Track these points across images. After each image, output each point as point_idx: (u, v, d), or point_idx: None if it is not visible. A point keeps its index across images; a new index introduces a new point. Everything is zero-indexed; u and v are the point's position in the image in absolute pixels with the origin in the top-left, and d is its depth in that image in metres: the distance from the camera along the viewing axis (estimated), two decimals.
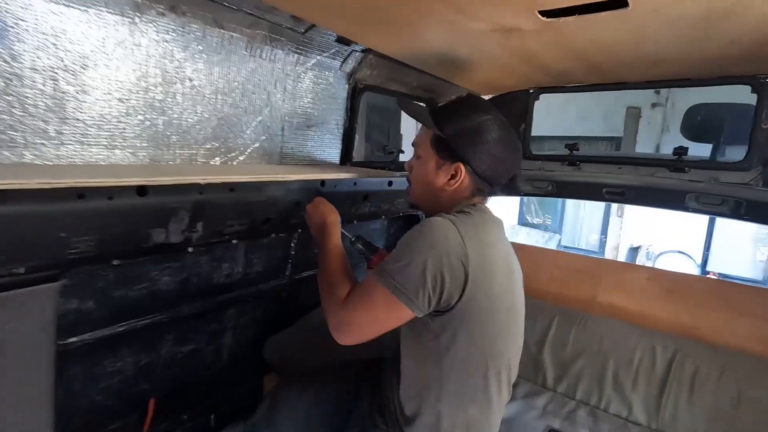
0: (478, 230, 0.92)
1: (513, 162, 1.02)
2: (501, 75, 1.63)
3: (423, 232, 0.88)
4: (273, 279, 1.61)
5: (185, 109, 1.03)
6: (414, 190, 1.10)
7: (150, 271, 1.19)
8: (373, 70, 1.46)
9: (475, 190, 1.01)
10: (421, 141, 1.05)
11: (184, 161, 1.07)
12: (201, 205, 1.03)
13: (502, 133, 0.98)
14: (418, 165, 1.06)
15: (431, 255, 0.84)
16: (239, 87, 1.14)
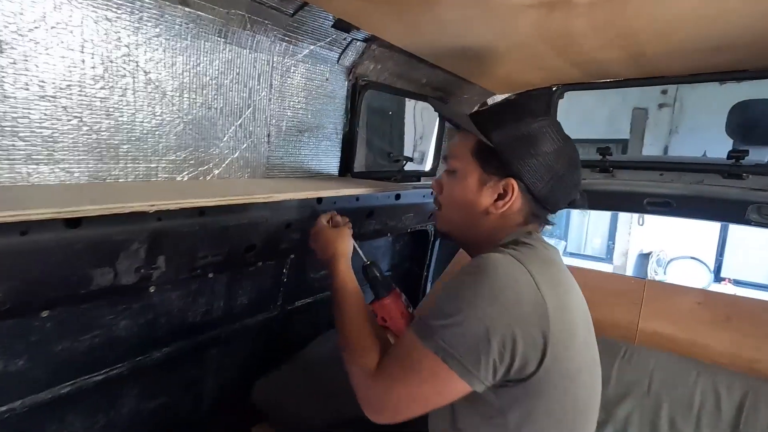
0: (551, 269, 0.70)
1: (574, 182, 0.80)
2: (524, 69, 1.41)
3: (481, 275, 0.65)
4: (262, 311, 1.37)
5: (139, 110, 0.80)
6: (446, 215, 0.88)
7: (103, 316, 0.94)
8: (376, 63, 1.23)
9: (529, 215, 0.79)
10: (458, 151, 0.83)
11: (141, 177, 0.83)
12: (161, 235, 0.80)
13: (563, 144, 0.77)
14: (452, 182, 0.84)
15: (497, 309, 0.62)
16: (212, 82, 0.90)
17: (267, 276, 1.30)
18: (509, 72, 1.46)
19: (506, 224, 0.79)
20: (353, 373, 0.76)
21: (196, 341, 1.18)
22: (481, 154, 0.79)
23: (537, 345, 0.63)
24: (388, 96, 1.73)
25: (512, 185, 0.76)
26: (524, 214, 0.79)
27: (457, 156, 0.82)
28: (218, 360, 1.28)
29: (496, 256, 0.68)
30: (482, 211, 0.79)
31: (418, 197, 1.54)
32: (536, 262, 0.69)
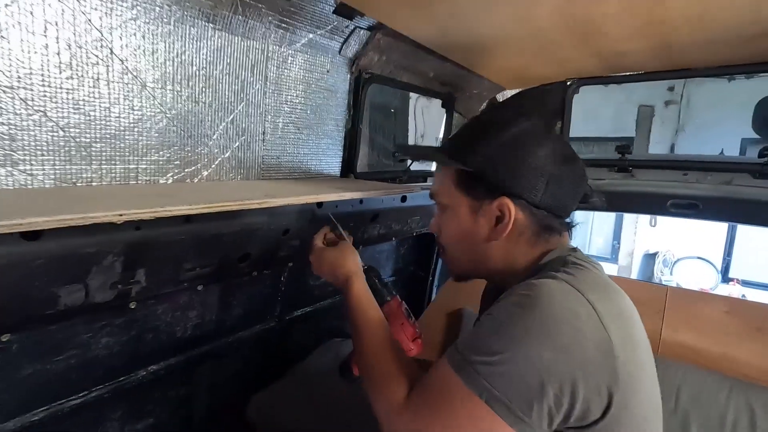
0: (610, 295, 0.62)
1: (576, 177, 0.71)
2: (539, 61, 1.31)
3: (534, 307, 0.56)
4: (259, 323, 1.27)
5: (114, 103, 0.70)
6: (451, 256, 0.81)
7: (78, 334, 0.85)
8: (381, 54, 1.13)
9: (542, 229, 0.70)
10: (441, 187, 0.77)
11: (118, 180, 0.73)
12: (139, 246, 0.70)
13: (547, 142, 0.70)
14: (446, 219, 0.77)
15: (554, 351, 0.54)
16: (199, 73, 0.80)
17: (264, 285, 1.21)
18: (522, 65, 1.36)
19: (521, 246, 0.72)
20: (377, 405, 0.67)
21: (187, 357, 1.09)
22: (463, 183, 0.73)
23: (602, 391, 0.54)
24: (392, 90, 1.64)
25: (506, 204, 0.68)
26: (535, 229, 0.70)
27: (441, 192, 0.77)
28: (211, 376, 1.19)
29: (549, 283, 0.59)
30: (485, 241, 0.73)
31: (425, 199, 1.45)
32: (595, 289, 0.60)
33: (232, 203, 0.63)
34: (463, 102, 1.61)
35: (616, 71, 1.36)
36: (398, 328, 0.86)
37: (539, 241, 0.72)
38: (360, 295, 0.79)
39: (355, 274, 0.81)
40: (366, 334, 0.74)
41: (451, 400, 0.57)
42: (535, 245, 0.72)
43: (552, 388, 0.52)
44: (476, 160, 0.70)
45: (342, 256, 0.83)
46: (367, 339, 0.74)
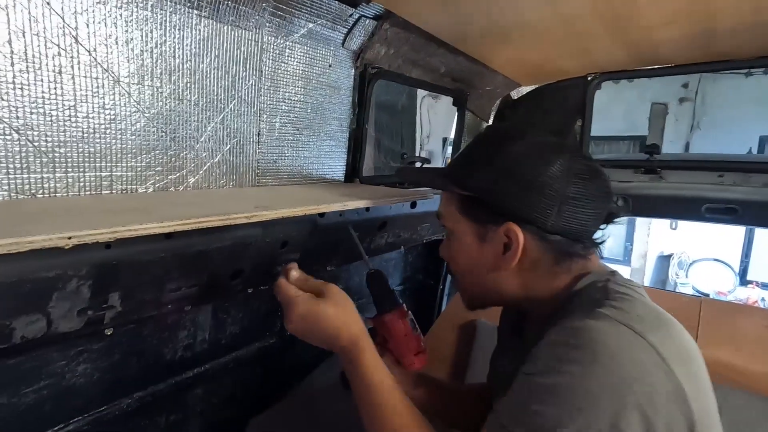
0: (668, 330, 0.54)
1: (599, 194, 0.63)
2: (560, 53, 1.20)
3: (592, 363, 0.48)
4: (256, 340, 1.17)
5: (81, 102, 0.60)
6: (462, 286, 0.76)
7: (51, 363, 0.75)
8: (388, 47, 1.03)
9: (558, 256, 0.63)
10: (446, 211, 0.72)
11: (88, 190, 0.64)
12: (110, 267, 0.60)
13: (564, 158, 0.62)
14: (452, 246, 0.72)
15: (626, 414, 0.46)
16: (183, 67, 0.70)
17: (261, 301, 1.11)
18: (541, 58, 1.25)
19: (539, 277, 0.65)
20: None
21: (177, 381, 0.99)
22: (467, 209, 0.68)
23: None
24: (398, 89, 1.53)
25: (513, 230, 0.62)
26: (551, 257, 0.63)
27: (447, 216, 0.72)
28: (205, 400, 1.09)
29: (600, 327, 0.50)
30: (493, 270, 0.67)
31: (436, 204, 1.34)
32: (652, 325, 0.52)
33: (214, 218, 0.53)
34: (475, 100, 1.50)
35: (644, 64, 1.25)
36: (401, 340, 0.81)
37: (560, 270, 0.64)
38: (376, 366, 0.65)
39: (363, 337, 0.66)
40: (390, 416, 0.62)
41: None
42: (557, 275, 0.65)
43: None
44: (478, 184, 0.65)
45: (344, 313, 0.66)
46: (391, 421, 0.62)
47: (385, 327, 0.82)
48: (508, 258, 0.64)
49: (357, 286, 1.46)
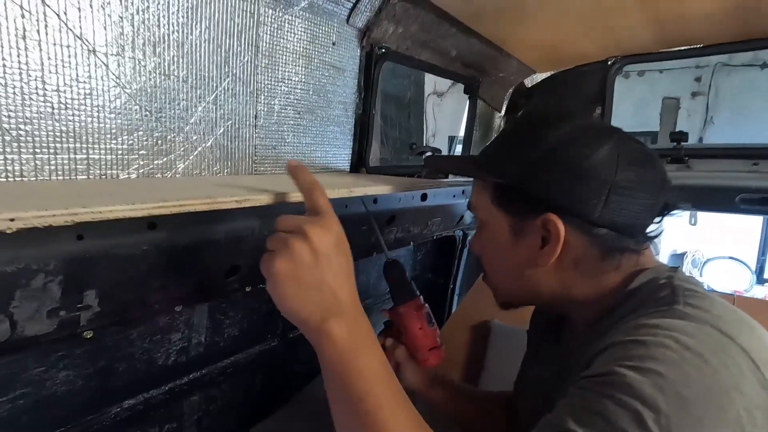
0: (757, 332, 0.47)
1: (654, 183, 0.56)
2: (579, 33, 1.12)
3: (681, 361, 0.41)
4: (257, 343, 1.10)
5: (50, 73, 0.53)
6: (493, 283, 0.69)
7: (28, 369, 0.68)
8: (397, 25, 0.95)
9: (605, 252, 0.56)
10: (478, 201, 0.66)
11: (60, 174, 0.56)
12: (85, 262, 0.53)
13: (615, 142, 0.55)
14: (484, 239, 0.67)
15: (722, 420, 0.39)
16: (170, 38, 0.63)
17: (261, 301, 1.03)
18: (559, 39, 1.17)
19: (581, 277, 0.58)
20: None
21: (171, 388, 0.92)
22: (501, 199, 0.62)
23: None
24: (407, 76, 1.46)
25: (552, 222, 0.55)
26: (596, 253, 0.56)
27: (480, 206, 0.66)
28: (202, 407, 1.02)
29: (683, 327, 0.43)
30: (530, 267, 0.60)
31: (447, 197, 1.26)
32: (740, 329, 0.45)
33: (197, 202, 0.45)
34: (487, 87, 1.42)
35: (672, 44, 1.16)
36: (416, 334, 0.78)
37: (607, 267, 0.57)
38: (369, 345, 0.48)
39: (353, 304, 0.49)
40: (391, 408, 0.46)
41: None
42: (604, 273, 0.57)
43: None
44: (513, 171, 0.59)
45: (349, 268, 0.49)
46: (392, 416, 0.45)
47: (399, 319, 0.79)
48: (546, 253, 0.57)
49: (364, 286, 1.38)
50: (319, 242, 0.45)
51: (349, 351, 0.45)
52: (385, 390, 0.46)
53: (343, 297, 0.47)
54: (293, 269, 0.45)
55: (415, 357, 0.81)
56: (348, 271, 0.48)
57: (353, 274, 0.50)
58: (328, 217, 0.48)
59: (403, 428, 0.44)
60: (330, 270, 0.46)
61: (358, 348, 0.46)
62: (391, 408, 0.45)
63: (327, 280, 0.46)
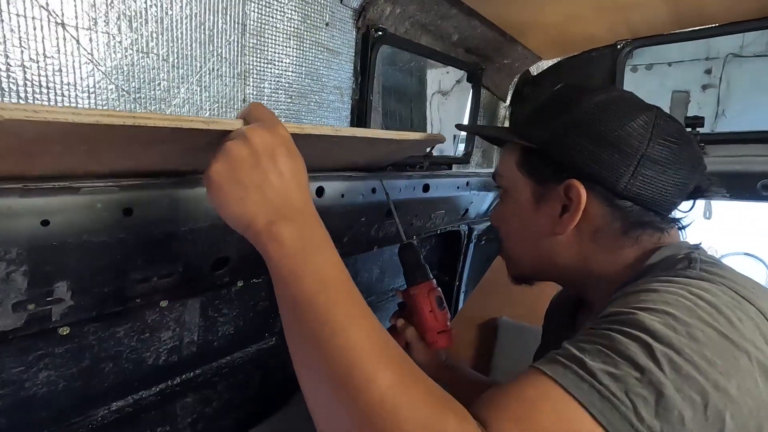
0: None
1: (688, 161, 0.54)
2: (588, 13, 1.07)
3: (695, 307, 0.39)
4: (253, 342, 1.05)
5: (14, 45, 0.49)
6: (510, 255, 0.67)
7: (4, 369, 0.64)
8: (394, 6, 0.90)
9: (627, 226, 0.54)
10: (502, 168, 0.65)
11: None
12: (52, 249, 0.48)
13: (653, 114, 0.54)
14: (504, 207, 0.66)
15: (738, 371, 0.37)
16: (148, 12, 0.59)
17: (256, 296, 0.99)
18: (566, 21, 1.12)
19: (599, 249, 0.55)
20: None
21: (162, 389, 0.88)
22: (527, 164, 0.61)
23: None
24: (408, 65, 1.41)
25: (575, 188, 0.54)
26: (618, 226, 0.54)
27: (504, 173, 0.65)
28: (196, 409, 0.97)
29: (698, 283, 0.42)
30: (547, 235, 0.59)
31: (450, 189, 1.22)
32: (758, 294, 0.42)
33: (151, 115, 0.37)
34: (491, 75, 1.37)
35: (687, 24, 1.10)
36: (425, 316, 0.80)
37: (627, 242, 0.55)
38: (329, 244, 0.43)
39: (307, 206, 0.44)
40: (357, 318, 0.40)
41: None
42: (622, 248, 0.55)
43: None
44: (542, 135, 0.58)
45: (298, 170, 0.43)
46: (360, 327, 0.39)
47: (411, 300, 0.82)
48: (564, 221, 0.55)
49: (366, 282, 1.34)
50: (259, 142, 0.41)
51: (299, 253, 0.40)
52: (340, 292, 0.40)
53: (292, 198, 0.42)
54: (230, 170, 0.40)
55: (424, 339, 0.82)
56: (298, 174, 0.43)
57: (306, 180, 0.45)
58: (271, 122, 0.43)
59: (361, 330, 0.38)
60: (274, 170, 0.41)
61: (309, 250, 0.41)
62: (347, 308, 0.39)
63: (271, 180, 0.41)
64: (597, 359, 0.37)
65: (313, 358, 0.38)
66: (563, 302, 0.77)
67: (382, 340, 0.39)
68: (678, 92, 4.62)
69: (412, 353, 0.86)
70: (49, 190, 0.46)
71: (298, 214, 0.42)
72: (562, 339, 0.72)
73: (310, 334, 0.38)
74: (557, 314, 0.78)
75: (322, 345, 0.37)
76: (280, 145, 0.42)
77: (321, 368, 0.37)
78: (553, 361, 0.39)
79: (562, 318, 0.74)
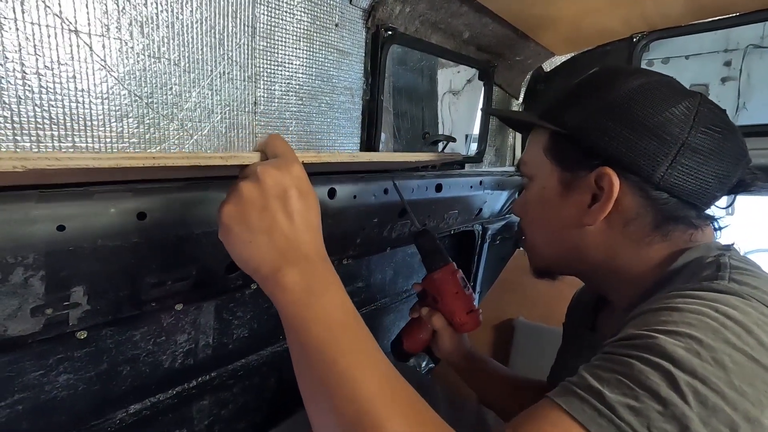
0: None
1: (731, 152, 0.51)
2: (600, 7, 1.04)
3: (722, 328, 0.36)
4: (268, 344, 1.06)
5: (28, 54, 0.49)
6: (531, 243, 0.64)
7: (25, 373, 0.65)
8: (404, 4, 0.89)
9: (661, 219, 0.51)
10: (529, 155, 0.61)
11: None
12: (69, 254, 0.49)
13: (695, 102, 0.50)
14: (528, 196, 0.62)
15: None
16: (159, 18, 0.59)
17: None
18: (580, 15, 1.09)
19: (629, 242, 0.52)
20: None
21: (179, 392, 0.88)
22: (556, 150, 0.57)
23: None
24: (419, 64, 1.40)
25: (607, 176, 0.51)
26: (650, 219, 0.51)
27: (529, 160, 0.62)
28: (212, 412, 0.98)
29: (725, 299, 0.38)
30: (575, 226, 0.56)
31: (464, 188, 1.20)
32: None
33: (173, 156, 0.39)
34: (503, 72, 1.35)
35: (706, 14, 1.07)
36: (451, 298, 0.79)
37: (658, 238, 0.52)
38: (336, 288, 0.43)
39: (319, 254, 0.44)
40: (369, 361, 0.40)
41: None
42: (652, 243, 0.52)
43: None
44: (573, 119, 0.54)
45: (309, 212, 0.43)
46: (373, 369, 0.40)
47: (434, 285, 0.80)
48: (594, 211, 0.52)
49: (380, 284, 1.33)
50: (271, 184, 0.41)
51: (303, 299, 0.40)
52: (347, 337, 0.40)
53: (299, 241, 0.42)
54: (239, 213, 0.41)
55: (453, 322, 0.80)
56: (308, 216, 0.43)
57: (317, 220, 0.44)
58: (285, 159, 0.43)
59: (370, 377, 0.38)
60: (283, 213, 0.41)
61: (316, 295, 0.41)
62: (355, 356, 0.38)
63: (279, 223, 0.41)
64: (616, 390, 0.34)
65: (323, 403, 0.38)
66: (585, 300, 0.75)
67: (392, 386, 0.39)
68: (696, 86, 4.51)
69: (439, 342, 0.86)
70: (64, 195, 0.46)
71: (304, 259, 0.42)
72: (581, 339, 0.70)
73: (318, 381, 0.39)
74: (578, 312, 0.76)
75: (330, 392, 0.38)
76: (291, 187, 0.42)
77: (330, 415, 0.37)
78: (569, 393, 0.37)
79: (582, 317, 0.72)
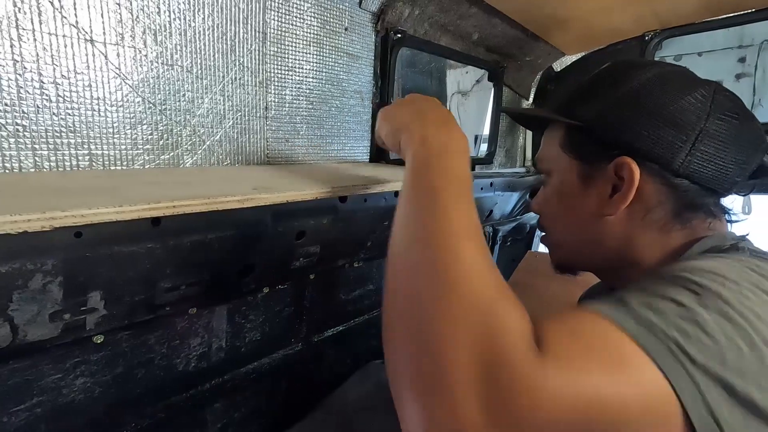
0: None
1: (750, 138, 0.50)
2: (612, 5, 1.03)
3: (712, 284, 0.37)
4: (279, 348, 1.06)
5: (46, 63, 0.50)
6: (553, 239, 0.64)
7: (44, 376, 0.66)
8: (413, 6, 0.89)
9: (681, 207, 0.50)
10: (545, 150, 0.62)
11: (61, 170, 0.54)
12: (85, 261, 0.50)
13: (711, 89, 0.50)
14: (548, 192, 0.62)
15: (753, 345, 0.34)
16: (171, 26, 0.60)
17: (282, 303, 1.00)
18: (590, 16, 1.08)
19: (649, 230, 0.52)
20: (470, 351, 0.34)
21: (193, 395, 0.89)
22: (573, 143, 0.57)
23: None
24: (428, 66, 1.40)
25: (627, 165, 0.50)
26: (670, 208, 0.51)
27: (547, 155, 0.61)
28: (225, 415, 0.98)
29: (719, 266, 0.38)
30: (596, 217, 0.55)
31: (474, 190, 1.20)
32: None
33: (195, 202, 0.40)
34: (513, 73, 1.34)
35: (719, 11, 1.05)
36: None
37: (677, 226, 0.51)
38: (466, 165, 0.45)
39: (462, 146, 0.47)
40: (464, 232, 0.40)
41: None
42: (671, 232, 0.51)
43: None
44: (589, 112, 0.54)
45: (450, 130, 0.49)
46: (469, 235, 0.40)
47: None
48: (615, 201, 0.52)
49: None
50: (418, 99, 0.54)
51: (439, 153, 0.45)
52: (460, 191, 0.42)
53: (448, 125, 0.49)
54: (394, 105, 0.55)
55: None
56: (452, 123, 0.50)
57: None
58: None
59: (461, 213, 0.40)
60: (431, 110, 0.51)
61: (449, 155, 0.45)
62: (460, 207, 0.41)
63: (425, 110, 0.51)
64: (640, 300, 0.36)
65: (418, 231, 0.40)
66: (597, 291, 0.73)
67: (474, 228, 0.40)
68: None
69: None
70: None
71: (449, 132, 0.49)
72: None
73: (420, 211, 0.41)
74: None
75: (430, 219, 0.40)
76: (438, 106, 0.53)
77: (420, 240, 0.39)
78: (597, 303, 0.39)
79: None
